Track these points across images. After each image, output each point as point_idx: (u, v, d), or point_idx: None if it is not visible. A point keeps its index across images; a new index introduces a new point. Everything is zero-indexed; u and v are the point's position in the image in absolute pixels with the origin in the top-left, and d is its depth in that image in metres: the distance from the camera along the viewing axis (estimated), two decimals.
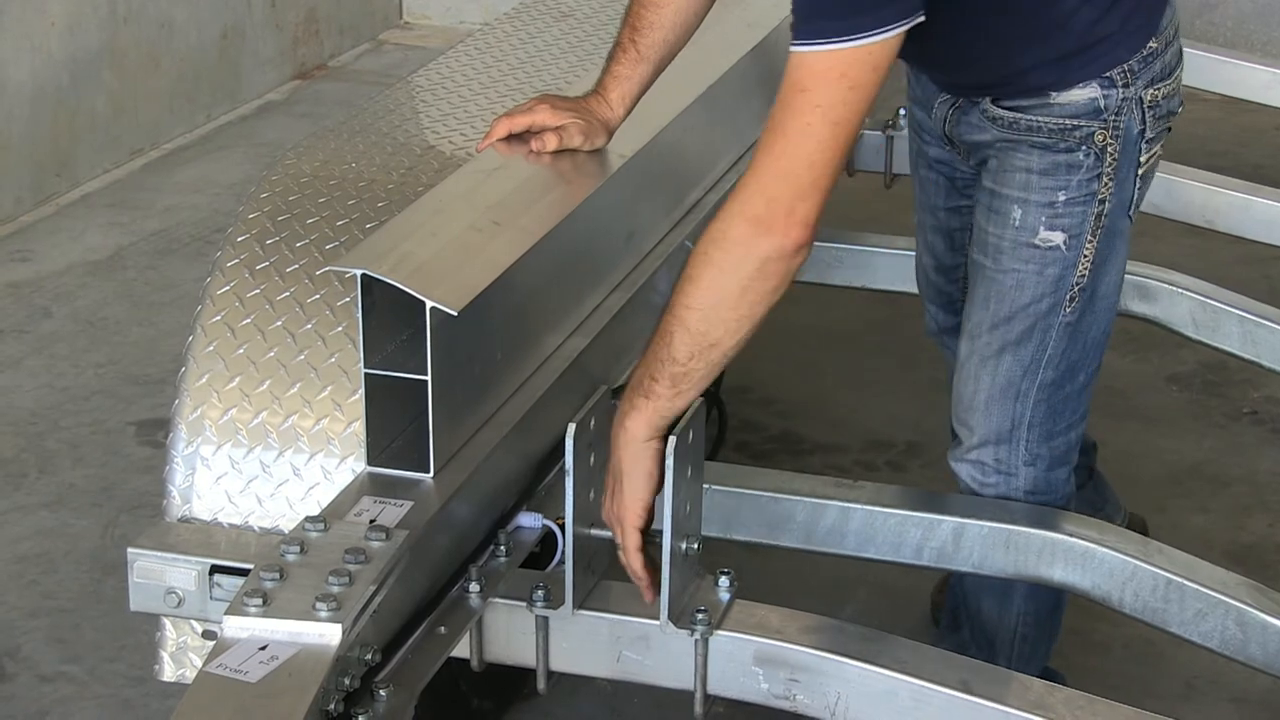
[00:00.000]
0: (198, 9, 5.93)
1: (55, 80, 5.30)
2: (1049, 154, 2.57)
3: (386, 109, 3.01)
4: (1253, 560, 3.57)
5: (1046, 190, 2.58)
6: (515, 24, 3.47)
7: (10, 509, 3.74)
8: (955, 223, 2.94)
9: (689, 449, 2.29)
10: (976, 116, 2.64)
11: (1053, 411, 2.70)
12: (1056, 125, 2.56)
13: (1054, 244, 2.59)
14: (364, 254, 2.21)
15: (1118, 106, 2.55)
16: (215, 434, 2.40)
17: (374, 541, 2.02)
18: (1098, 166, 2.57)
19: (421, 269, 2.20)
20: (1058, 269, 2.60)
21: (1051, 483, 2.75)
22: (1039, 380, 2.67)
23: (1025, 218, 2.60)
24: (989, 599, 2.82)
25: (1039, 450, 2.71)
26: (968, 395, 2.72)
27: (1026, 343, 2.65)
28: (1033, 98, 2.56)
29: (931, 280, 3.09)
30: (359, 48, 6.85)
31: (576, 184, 2.60)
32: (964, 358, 2.73)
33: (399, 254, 2.22)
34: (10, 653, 3.28)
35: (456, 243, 2.32)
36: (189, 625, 2.41)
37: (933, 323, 3.16)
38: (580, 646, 2.32)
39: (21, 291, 4.74)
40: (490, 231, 2.39)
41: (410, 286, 2.14)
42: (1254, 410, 4.20)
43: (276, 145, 5.62)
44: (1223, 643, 2.57)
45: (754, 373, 4.16)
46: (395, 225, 2.35)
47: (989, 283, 2.66)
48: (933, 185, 2.93)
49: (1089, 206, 2.58)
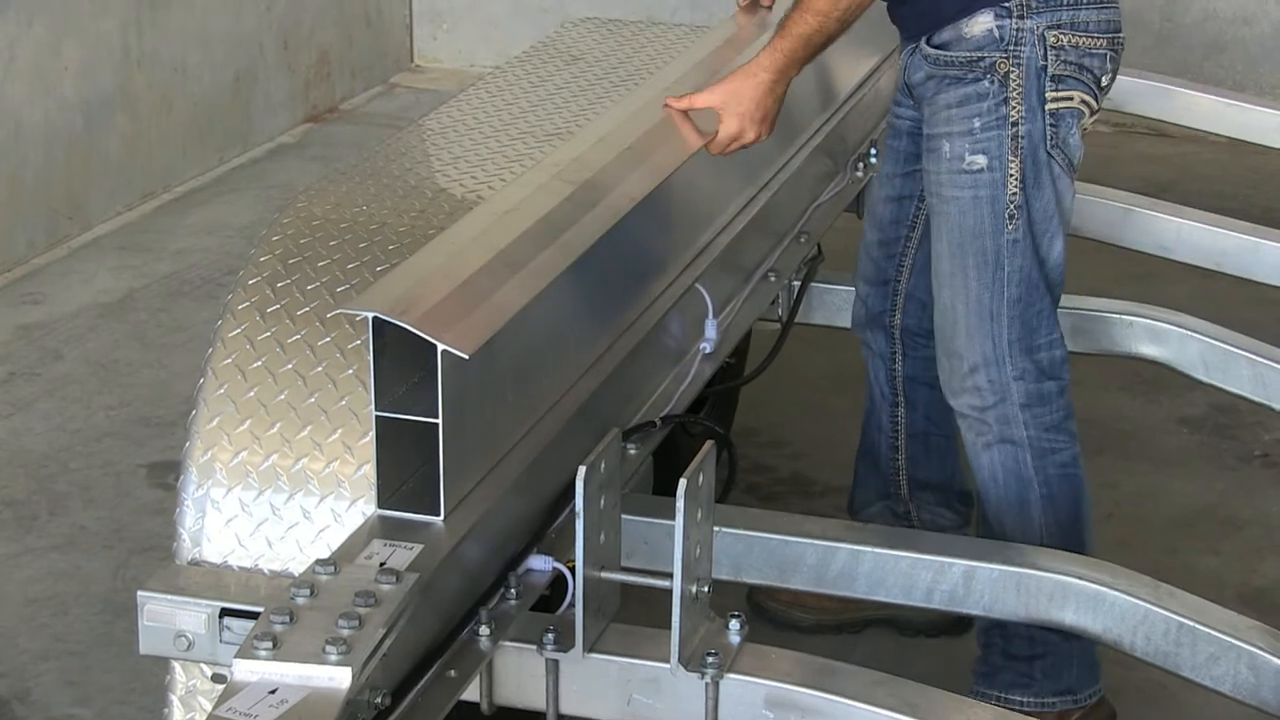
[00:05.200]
0: (211, 52, 5.95)
1: (68, 123, 5.32)
2: (961, 86, 2.93)
3: (398, 152, 3.02)
4: (1265, 603, 3.55)
5: (964, 120, 2.93)
6: (526, 67, 3.48)
7: (21, 551, 3.74)
8: (906, 189, 3.24)
9: (699, 491, 2.29)
10: (918, 59, 3.00)
11: (1028, 328, 2.98)
12: (965, 58, 2.92)
13: (979, 166, 2.93)
14: (376, 297, 2.20)
15: (1015, 36, 2.89)
16: (226, 477, 2.40)
17: (384, 584, 2.01)
18: (1003, 92, 2.90)
19: (433, 312, 2.18)
20: (989, 190, 2.92)
21: (1044, 394, 3.01)
22: (1006, 297, 2.96)
23: (952, 148, 2.95)
24: (1010, 516, 3.04)
25: (1024, 365, 2.98)
26: (949, 327, 3.02)
27: (985, 265, 2.95)
28: (947, 31, 2.93)
29: (872, 256, 3.35)
30: (371, 91, 6.87)
31: (588, 226, 2.60)
32: (938, 294, 3.04)
33: (411, 297, 2.21)
34: (21, 696, 3.28)
35: (468, 285, 2.30)
36: (199, 668, 2.40)
37: (861, 308, 3.39)
38: (591, 689, 2.31)
39: (33, 334, 4.74)
40: (502, 274, 2.37)
41: (422, 330, 2.13)
42: (1265, 453, 4.19)
43: (288, 188, 5.63)
44: (1235, 687, 2.56)
45: (764, 415, 4.16)
46: (407, 268, 2.33)
47: (939, 217, 3.00)
48: (893, 154, 3.25)
49: (1003, 130, 2.91)
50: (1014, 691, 3.07)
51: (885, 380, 3.38)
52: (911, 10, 2.98)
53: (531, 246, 2.46)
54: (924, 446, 3.41)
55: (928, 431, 3.40)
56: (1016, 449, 3.01)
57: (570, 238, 2.54)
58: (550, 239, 2.51)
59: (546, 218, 2.53)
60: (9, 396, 4.40)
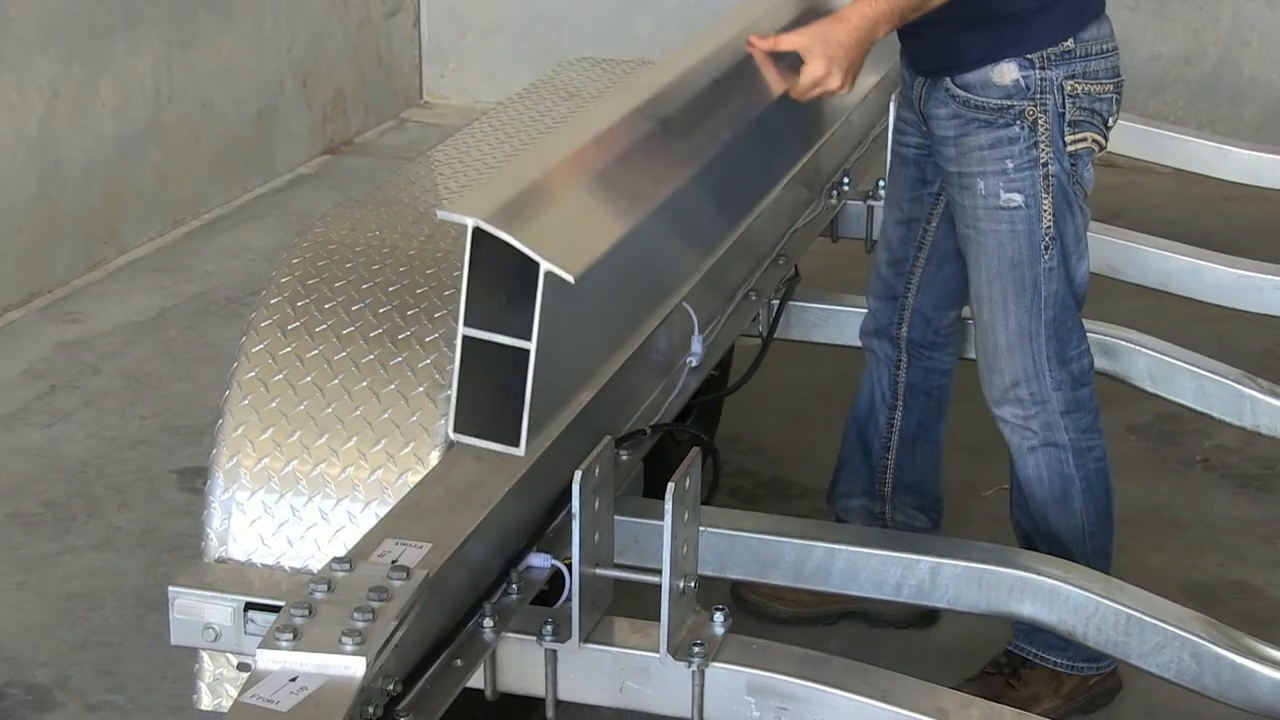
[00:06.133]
0: (235, 90, 5.95)
1: (105, 156, 5.31)
2: (993, 130, 2.90)
3: (408, 181, 3.02)
4: (1206, 597, 3.56)
5: (997, 161, 2.91)
6: (526, 103, 3.48)
7: (61, 550, 3.73)
8: (916, 212, 3.21)
9: (686, 494, 2.28)
10: (941, 94, 2.96)
11: (1062, 343, 3.00)
12: (995, 105, 2.89)
13: (1016, 204, 2.91)
14: (479, 203, 1.97)
15: (1040, 85, 2.87)
16: (250, 481, 2.40)
17: (396, 580, 2.01)
18: (1033, 136, 2.89)
19: (539, 228, 1.95)
20: (1025, 225, 2.92)
21: (1080, 400, 3.04)
22: (1043, 319, 2.97)
23: (987, 186, 2.92)
24: (1054, 511, 3.06)
25: (1061, 376, 3.00)
26: (991, 345, 3.02)
27: (1023, 291, 2.95)
28: (972, 73, 2.89)
29: (882, 275, 3.31)
30: (383, 125, 6.87)
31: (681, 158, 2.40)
32: (978, 315, 3.04)
33: (514, 208, 1.97)
34: (60, 683, 3.27)
35: (570, 203, 2.08)
36: (225, 658, 2.40)
37: (870, 321, 3.37)
38: (586, 677, 2.31)
39: (73, 350, 4.74)
40: (602, 196, 2.16)
41: (528, 246, 1.90)
42: (1206, 458, 4.19)
43: (307, 215, 5.63)
44: (1179, 673, 2.56)
45: (746, 423, 4.16)
46: (507, 177, 2.10)
47: (977, 248, 2.98)
48: (903, 179, 3.20)
49: (1035, 170, 2.90)
50: (1050, 651, 3.13)
51: (888, 385, 3.37)
52: (933, 49, 2.91)
53: (629, 172, 2.27)
54: (912, 450, 3.41)
55: (918, 437, 3.40)
56: (1060, 451, 3.05)
57: (667, 168, 2.35)
58: (647, 166, 2.32)
59: (642, 144, 2.34)
60: (50, 407, 4.40)
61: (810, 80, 2.77)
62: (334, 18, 6.48)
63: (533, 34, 6.89)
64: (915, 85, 3.05)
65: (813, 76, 2.76)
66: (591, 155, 2.24)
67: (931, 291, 3.25)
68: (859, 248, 3.92)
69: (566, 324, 2.03)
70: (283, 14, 6.17)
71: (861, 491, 3.44)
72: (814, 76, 2.76)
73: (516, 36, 6.94)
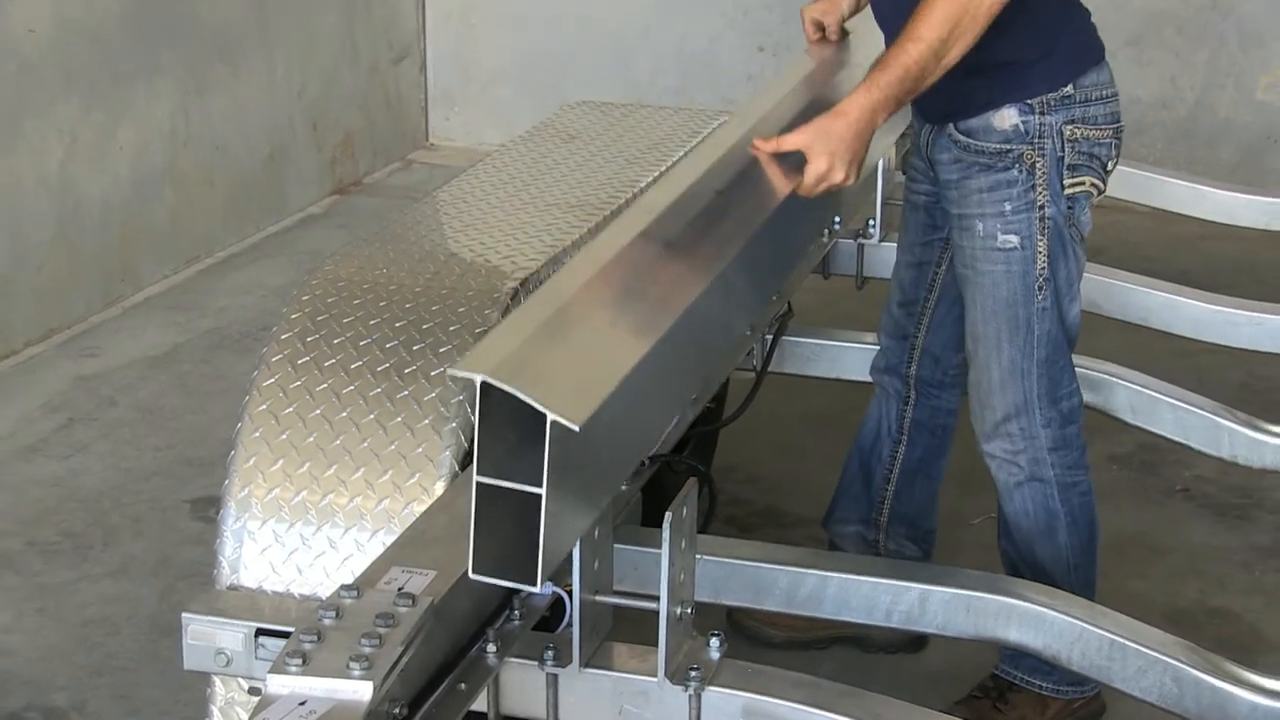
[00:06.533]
0: (248, 133, 5.95)
1: (123, 197, 5.32)
2: (992, 173, 2.90)
3: (414, 221, 3.02)
4: (1186, 622, 3.54)
5: (995, 203, 2.90)
6: (528, 145, 3.49)
7: (79, 578, 3.72)
8: (927, 256, 3.21)
9: (683, 523, 2.28)
10: (945, 139, 2.96)
11: (1053, 382, 2.98)
12: (995, 149, 2.89)
13: (1012, 245, 2.90)
14: (485, 358, 1.96)
15: (1039, 130, 2.87)
16: (261, 510, 2.39)
17: (402, 607, 2.00)
18: (1030, 180, 2.88)
19: (543, 378, 1.94)
20: (1020, 265, 2.91)
21: (1067, 437, 3.02)
22: (1036, 358, 2.95)
23: (985, 228, 2.91)
24: (1040, 543, 3.04)
25: (1050, 414, 2.98)
26: (985, 383, 3.00)
27: (1017, 330, 2.94)
28: (974, 119, 2.89)
29: (894, 314, 3.31)
30: (390, 166, 6.88)
31: (685, 282, 2.35)
32: (973, 352, 3.01)
33: (519, 359, 1.97)
34: (78, 707, 3.26)
35: (574, 347, 2.07)
36: (237, 682, 2.39)
37: (881, 358, 3.37)
38: (586, 701, 2.30)
39: (90, 383, 4.73)
40: (606, 335, 2.15)
41: (533, 398, 1.90)
42: (1186, 488, 4.19)
43: (316, 253, 5.63)
44: (1161, 697, 2.55)
45: (741, 454, 4.15)
46: (513, 325, 2.08)
47: (974, 287, 2.97)
48: (915, 225, 3.21)
49: (1031, 213, 2.89)
50: (1036, 675, 3.11)
51: (895, 420, 3.37)
52: (938, 97, 2.85)
53: (633, 303, 2.26)
54: (911, 484, 3.40)
55: (919, 471, 3.39)
56: (1045, 486, 3.03)
57: (668, 293, 2.32)
58: (650, 295, 2.30)
59: (646, 272, 2.33)
60: (69, 439, 4.39)
61: (815, 178, 2.72)
62: (344, 64, 6.50)
63: (534, 79, 6.91)
64: (923, 132, 3.06)
65: (817, 173, 2.71)
66: (597, 290, 2.23)
67: (941, 332, 3.24)
68: (849, 284, 3.92)
69: (576, 464, 2.03)
70: (294, 61, 6.18)
71: (858, 519, 3.43)
72: (818, 173, 2.71)
73: (518, 81, 6.95)
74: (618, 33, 6.77)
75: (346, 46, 6.50)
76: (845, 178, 2.72)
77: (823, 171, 2.71)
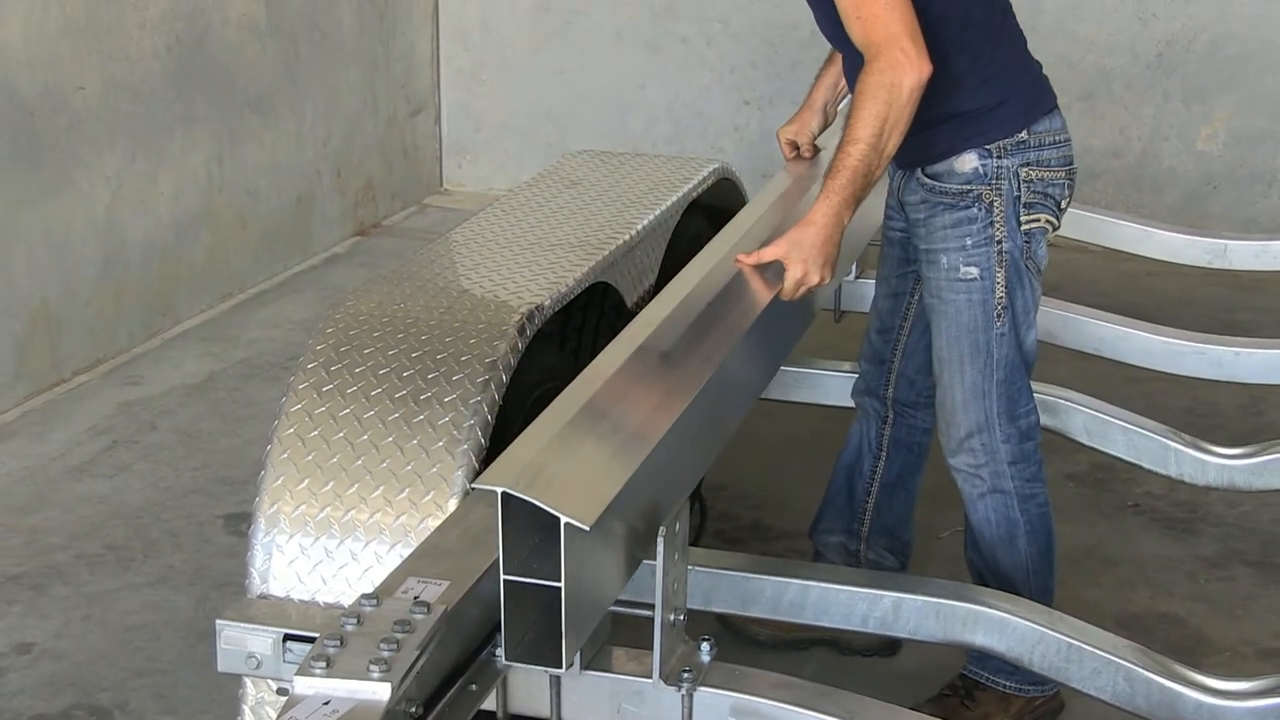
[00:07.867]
0: (277, 179, 5.96)
1: (163, 237, 5.31)
2: (954, 211, 2.92)
3: (429, 259, 3.02)
4: (1137, 627, 3.53)
5: (958, 238, 2.92)
6: (533, 190, 3.49)
7: (121, 587, 3.71)
8: (901, 287, 3.23)
9: (676, 537, 2.27)
10: (914, 183, 2.99)
11: (1011, 401, 2.98)
12: (957, 189, 2.91)
13: (973, 276, 2.91)
14: (504, 472, 2.05)
15: (996, 172, 2.89)
16: (288, 525, 2.39)
17: (418, 615, 2.00)
18: (989, 217, 2.90)
19: (555, 485, 2.03)
20: (980, 295, 2.92)
21: (1025, 453, 3.02)
22: (995, 379, 2.96)
23: (949, 260, 2.93)
24: (1001, 551, 3.05)
25: (1009, 430, 2.99)
26: (949, 402, 3.01)
27: (978, 354, 2.95)
28: (939, 164, 2.92)
29: (873, 341, 3.32)
30: (407, 210, 6.88)
31: (680, 388, 2.41)
32: (939, 375, 3.02)
33: (534, 469, 2.05)
34: (120, 706, 3.24)
35: (583, 456, 2.14)
36: (266, 684, 2.38)
37: (861, 382, 3.37)
38: (587, 701, 2.29)
39: (132, 409, 4.72)
40: (612, 441, 2.22)
41: (546, 504, 1.98)
42: (1136, 504, 4.18)
43: (340, 289, 5.63)
44: (1115, 695, 2.55)
45: (729, 473, 4.15)
46: (528, 438, 2.16)
47: (939, 315, 2.98)
48: (890, 259, 3.23)
49: (990, 247, 2.91)
50: (1000, 676, 3.10)
51: (874, 438, 3.37)
52: (906, 146, 2.82)
53: (636, 410, 2.32)
54: (890, 497, 3.40)
55: (897, 485, 3.39)
56: (1006, 497, 3.03)
57: (667, 399, 2.39)
58: (651, 402, 2.36)
59: (645, 382, 2.40)
60: (113, 460, 4.38)
61: (793, 284, 2.75)
62: (365, 116, 6.50)
63: (540, 130, 6.92)
64: (895, 177, 3.08)
65: (795, 280, 2.74)
66: (600, 403, 2.28)
67: (915, 357, 3.25)
68: (828, 318, 3.91)
69: (591, 559, 2.09)
70: (320, 114, 6.19)
71: (842, 529, 3.43)
72: (795, 280, 2.74)
73: (525, 132, 6.96)
74: (616, 88, 6.78)
75: (368, 100, 6.51)
76: (821, 279, 2.76)
77: (799, 277, 2.74)
